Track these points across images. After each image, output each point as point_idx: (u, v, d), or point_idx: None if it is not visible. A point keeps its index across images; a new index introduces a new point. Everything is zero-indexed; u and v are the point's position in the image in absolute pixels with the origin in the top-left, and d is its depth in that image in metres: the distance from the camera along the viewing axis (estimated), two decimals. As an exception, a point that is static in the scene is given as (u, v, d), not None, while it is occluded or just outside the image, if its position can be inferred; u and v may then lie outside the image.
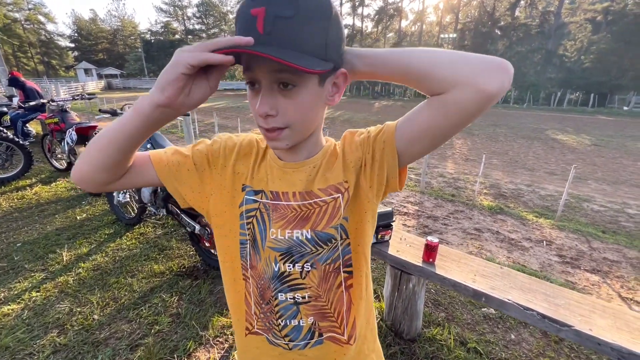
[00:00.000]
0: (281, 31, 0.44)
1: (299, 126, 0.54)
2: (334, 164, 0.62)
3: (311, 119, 0.56)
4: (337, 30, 0.49)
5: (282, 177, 0.62)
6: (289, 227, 0.60)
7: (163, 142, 2.52)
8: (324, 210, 0.60)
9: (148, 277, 2.33)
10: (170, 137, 9.16)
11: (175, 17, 54.90)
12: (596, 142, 10.71)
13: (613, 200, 5.31)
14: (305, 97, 0.51)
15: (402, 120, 0.56)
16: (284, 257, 0.61)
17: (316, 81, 0.51)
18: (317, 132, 0.62)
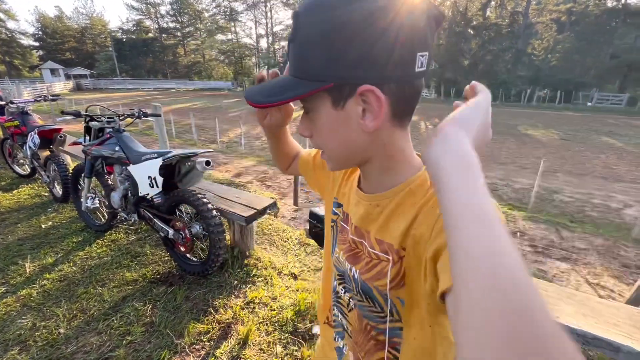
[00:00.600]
0: (290, 55, 0.46)
1: (330, 151, 0.51)
2: (400, 215, 0.49)
3: (340, 147, 0.49)
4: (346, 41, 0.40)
5: (353, 200, 0.59)
6: (346, 255, 0.59)
7: (131, 143, 2.42)
8: (372, 265, 0.52)
9: (120, 285, 2.23)
10: (146, 138, 8.85)
11: (148, 15, 53.03)
12: (564, 136, 11.27)
13: (580, 191, 5.60)
14: (319, 121, 0.48)
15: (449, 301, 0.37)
16: (340, 279, 0.62)
17: (328, 104, 0.45)
18: (389, 167, 0.51)
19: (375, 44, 0.39)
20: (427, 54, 0.43)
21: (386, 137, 0.47)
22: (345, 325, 0.62)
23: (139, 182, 2.30)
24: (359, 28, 0.39)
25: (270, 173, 6.09)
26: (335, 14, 0.39)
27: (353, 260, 0.56)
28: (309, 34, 0.42)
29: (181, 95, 30.00)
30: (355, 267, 0.55)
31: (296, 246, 2.91)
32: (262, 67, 53.53)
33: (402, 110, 0.46)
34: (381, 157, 0.50)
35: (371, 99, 0.42)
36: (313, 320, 1.94)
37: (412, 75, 0.43)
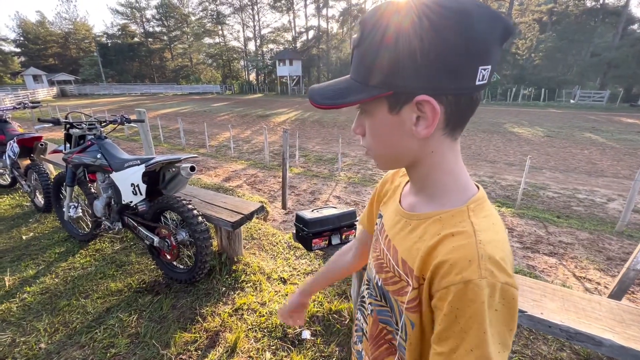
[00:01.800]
0: (353, 60, 0.47)
1: (377, 152, 0.53)
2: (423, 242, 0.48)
3: (391, 149, 0.51)
4: (408, 51, 0.41)
5: (391, 213, 0.61)
6: (374, 263, 0.61)
7: (113, 150, 2.36)
8: (395, 281, 0.53)
9: (104, 296, 2.17)
10: (133, 144, 8.70)
11: (133, 19, 52.33)
12: (548, 133, 11.51)
13: (565, 187, 5.71)
14: (374, 123, 0.50)
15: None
16: (367, 284, 0.64)
17: (384, 108, 0.47)
18: (430, 177, 0.51)
19: (437, 56, 0.40)
20: (489, 68, 0.42)
21: (435, 146, 0.48)
22: (365, 329, 0.64)
23: (122, 190, 2.25)
24: (421, 40, 0.40)
25: (260, 176, 6.05)
26: (399, 25, 0.41)
27: (379, 269, 0.59)
28: (373, 41, 0.43)
29: (169, 99, 29.64)
30: (379, 276, 0.58)
31: (285, 250, 2.89)
32: (251, 70, 53.34)
33: (455, 121, 0.46)
34: (427, 164, 0.50)
35: (426, 109, 0.43)
36: (302, 326, 1.92)
37: (472, 88, 0.43)
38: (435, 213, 0.50)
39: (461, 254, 0.42)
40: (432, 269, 0.44)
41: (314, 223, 1.64)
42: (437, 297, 0.43)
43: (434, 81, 0.42)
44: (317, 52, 44.39)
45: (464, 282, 0.40)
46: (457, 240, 0.44)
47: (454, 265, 0.41)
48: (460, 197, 0.50)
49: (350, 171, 6.43)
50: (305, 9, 46.47)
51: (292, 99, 29.93)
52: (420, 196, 0.54)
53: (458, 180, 0.51)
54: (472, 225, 0.45)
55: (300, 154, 7.79)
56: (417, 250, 0.48)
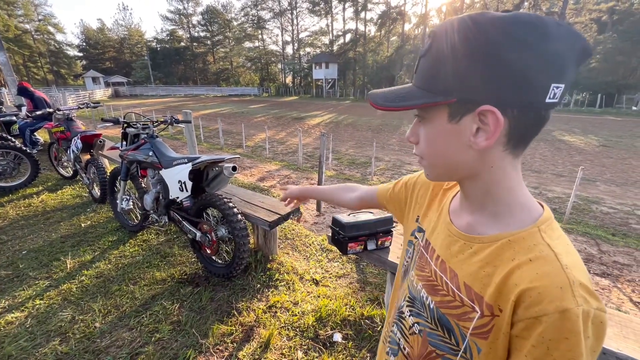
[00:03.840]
0: (419, 68, 0.48)
1: (430, 160, 0.52)
2: (494, 267, 0.46)
3: (446, 158, 0.49)
4: (474, 59, 0.41)
5: (440, 231, 0.58)
6: (421, 283, 0.59)
7: (163, 149, 2.54)
8: (456, 305, 0.51)
9: (150, 284, 2.34)
10: (176, 142, 9.25)
11: (181, 25, 55.76)
12: (604, 142, 10.55)
13: (623, 202, 5.21)
14: (430, 131, 0.50)
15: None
16: (409, 302, 0.62)
17: (444, 116, 0.46)
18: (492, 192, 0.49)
19: (506, 68, 0.40)
20: (562, 86, 0.41)
21: (496, 160, 0.47)
22: (402, 345, 0.62)
23: (170, 186, 2.41)
24: (490, 51, 0.40)
25: (293, 177, 6.16)
26: (469, 37, 0.41)
27: (431, 291, 0.56)
28: (442, 52, 0.44)
29: (210, 101, 31.12)
30: (432, 298, 0.55)
31: (318, 252, 2.92)
32: (287, 73, 54.46)
33: (518, 137, 0.45)
34: (487, 179, 0.48)
35: (489, 119, 0.43)
36: (334, 328, 1.93)
37: (540, 105, 0.42)
38: (502, 235, 0.47)
39: (550, 281, 0.40)
40: (516, 298, 0.41)
41: (350, 227, 1.65)
42: (520, 326, 0.41)
43: (501, 92, 0.41)
44: (353, 55, 44.32)
45: (559, 312, 0.38)
46: (539, 266, 0.42)
47: (543, 294, 0.39)
48: (527, 217, 0.47)
49: (383, 176, 6.35)
50: (344, 12, 46.70)
51: (327, 102, 30.12)
52: (479, 215, 0.52)
53: (522, 199, 0.49)
54: (550, 248, 0.43)
55: (333, 156, 7.83)
56: (488, 276, 0.46)
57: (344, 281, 2.48)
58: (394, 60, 38.08)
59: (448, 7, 39.09)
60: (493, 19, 0.40)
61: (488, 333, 0.45)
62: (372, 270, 2.65)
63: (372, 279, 2.52)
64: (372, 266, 2.70)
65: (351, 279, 2.51)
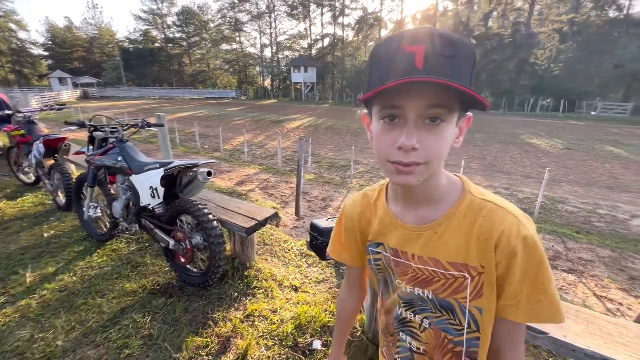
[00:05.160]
0: (443, 67, 0.48)
1: (435, 163, 0.53)
2: (463, 237, 0.57)
3: (442, 158, 0.54)
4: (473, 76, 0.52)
5: (399, 236, 0.64)
6: (411, 284, 0.64)
7: (133, 153, 2.42)
8: (449, 284, 0.59)
9: (119, 296, 2.21)
10: (150, 147, 8.93)
11: (155, 26, 54.09)
12: (568, 145, 11.20)
13: (585, 201, 5.53)
14: (446, 134, 0.52)
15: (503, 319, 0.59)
16: (406, 305, 0.66)
17: (455, 120, 0.52)
18: (436, 184, 0.59)
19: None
20: None
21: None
22: (415, 347, 0.67)
23: (141, 192, 2.31)
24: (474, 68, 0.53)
25: (272, 181, 6.10)
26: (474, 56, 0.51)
27: (423, 284, 0.62)
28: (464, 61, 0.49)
29: (186, 103, 30.34)
30: (428, 290, 0.62)
31: (297, 257, 2.89)
32: (266, 76, 54.13)
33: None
34: (438, 172, 0.58)
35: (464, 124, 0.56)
36: (314, 335, 1.90)
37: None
38: (451, 211, 0.58)
39: (506, 224, 0.54)
40: (494, 248, 0.54)
41: (328, 232, 1.63)
42: (503, 264, 0.54)
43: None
44: (332, 60, 44.72)
45: (522, 238, 0.53)
46: (489, 216, 0.56)
47: (506, 233, 0.54)
48: (457, 190, 0.60)
49: (362, 179, 6.41)
50: (322, 17, 47.05)
51: (306, 105, 30.16)
52: (425, 206, 0.61)
53: (448, 178, 0.61)
54: (487, 202, 0.57)
55: (312, 160, 7.82)
56: (462, 246, 0.57)
57: (323, 286, 2.46)
58: (371, 65, 38.67)
59: (422, 15, 40.35)
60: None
61: (481, 290, 0.56)
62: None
63: (352, 283, 2.51)
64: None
65: (331, 284, 2.49)
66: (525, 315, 0.55)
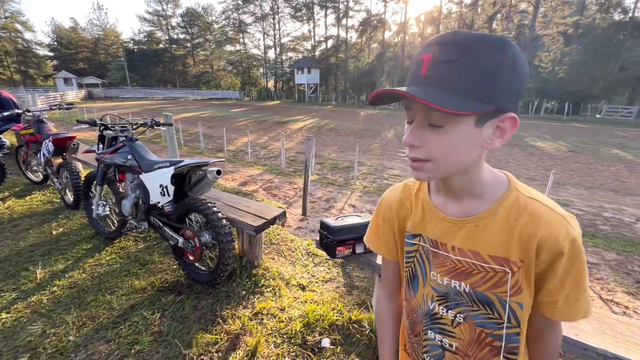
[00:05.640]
0: (441, 74, 0.49)
1: (442, 162, 0.54)
2: (505, 232, 0.57)
3: (459, 159, 0.55)
4: (512, 74, 0.50)
5: (440, 227, 0.64)
6: (448, 276, 0.64)
7: (143, 152, 2.45)
8: (489, 277, 0.59)
9: (128, 293, 2.23)
10: (154, 146, 8.98)
11: (159, 27, 54.49)
12: (572, 148, 11.15)
13: (590, 204, 5.50)
14: (453, 137, 0.52)
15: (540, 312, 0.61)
16: (440, 299, 0.66)
17: (472, 122, 0.51)
18: (477, 179, 0.59)
19: (520, 82, 0.51)
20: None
21: (483, 155, 0.57)
22: (447, 343, 0.66)
23: (151, 191, 2.33)
24: (518, 72, 0.50)
25: (276, 182, 6.12)
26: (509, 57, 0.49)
27: (461, 277, 0.62)
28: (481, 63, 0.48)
29: (189, 104, 30.49)
30: (466, 283, 0.61)
31: (304, 256, 2.90)
32: (269, 78, 54.32)
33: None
34: (474, 171, 0.58)
35: (508, 124, 0.53)
36: (322, 333, 1.91)
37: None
38: (495, 206, 0.58)
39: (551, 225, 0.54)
40: (536, 247, 0.54)
41: (339, 231, 1.64)
42: (547, 263, 0.55)
43: (515, 102, 0.52)
44: (335, 61, 44.80)
45: (570, 240, 0.53)
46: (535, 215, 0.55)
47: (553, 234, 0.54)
48: (502, 186, 0.60)
49: (365, 180, 6.41)
50: (326, 18, 47.23)
51: (309, 107, 30.21)
52: (468, 200, 0.61)
53: (493, 176, 0.61)
54: (533, 200, 0.57)
55: (316, 161, 7.83)
56: (504, 241, 0.57)
57: (330, 285, 2.47)
58: (375, 66, 38.78)
59: (426, 17, 40.35)
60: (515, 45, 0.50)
61: (520, 286, 0.57)
62: (359, 274, 2.65)
63: (359, 283, 2.52)
64: (358, 270, 2.71)
65: (338, 283, 2.50)
66: (561, 314, 0.57)
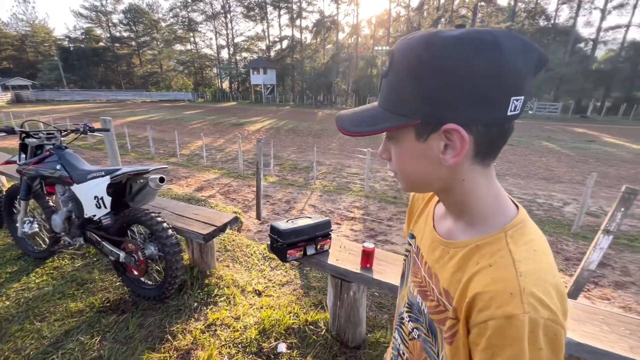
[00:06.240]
0: (382, 89, 0.49)
1: (403, 176, 0.53)
2: (463, 271, 0.47)
3: (415, 173, 0.51)
4: (438, 78, 0.41)
5: (427, 237, 0.61)
6: (417, 289, 0.60)
7: (74, 161, 2.23)
8: (439, 310, 0.52)
9: (62, 318, 2.01)
10: (98, 154, 8.26)
11: (98, 24, 50.15)
12: (510, 142, 12.25)
13: (526, 192, 6.08)
14: (399, 150, 0.50)
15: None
16: (408, 308, 0.63)
17: (412, 136, 0.47)
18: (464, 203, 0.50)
19: (466, 87, 0.40)
20: (522, 98, 0.42)
21: (466, 173, 0.47)
22: (402, 351, 0.64)
23: (84, 203, 2.13)
24: (450, 70, 0.40)
25: (234, 185, 5.94)
26: (428, 55, 0.41)
27: (423, 296, 0.58)
28: (402, 72, 0.44)
29: (137, 107, 28.51)
30: (425, 304, 0.56)
31: (260, 261, 2.84)
32: (224, 78, 52.65)
33: (486, 150, 0.45)
34: (460, 192, 0.49)
35: (455, 137, 0.43)
36: (278, 338, 1.88)
37: (503, 119, 0.42)
38: (472, 241, 0.48)
39: (501, 287, 0.40)
40: (469, 301, 0.42)
41: (288, 234, 1.62)
42: (474, 332, 0.41)
43: (463, 111, 0.42)
44: (291, 62, 44.66)
45: (505, 317, 0.38)
46: (496, 271, 0.42)
47: (494, 298, 0.40)
48: (497, 222, 0.48)
49: (325, 179, 6.47)
50: (279, 19, 46.84)
51: (267, 108, 29.81)
52: (457, 223, 0.54)
53: (493, 205, 0.49)
54: (510, 255, 0.43)
55: (275, 162, 7.74)
56: (458, 281, 0.47)
57: (287, 289, 2.44)
58: (330, 67, 39.31)
59: (377, 19, 41.82)
60: (446, 38, 0.40)
61: (453, 337, 0.46)
62: (316, 274, 2.66)
63: (316, 283, 2.53)
64: (315, 270, 2.71)
65: (295, 286, 2.48)
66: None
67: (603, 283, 3.08)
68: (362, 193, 5.55)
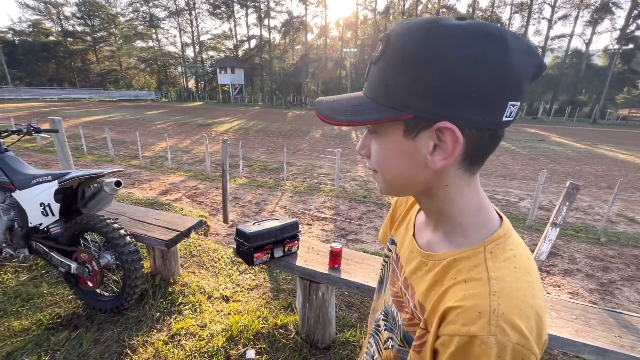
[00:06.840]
0: (369, 76, 0.44)
1: (383, 174, 0.48)
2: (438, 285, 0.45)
3: (395, 172, 0.46)
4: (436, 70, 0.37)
5: (407, 247, 0.57)
6: (392, 299, 0.57)
7: (16, 165, 2.03)
8: (414, 323, 0.48)
9: (4, 338, 1.82)
10: (49, 156, 7.62)
11: (48, 16, 46.37)
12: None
13: (486, 189, 6.44)
14: (382, 146, 0.46)
15: None
16: (384, 316, 0.59)
17: (399, 131, 0.42)
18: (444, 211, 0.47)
19: (469, 83, 0.37)
20: (518, 105, 0.40)
21: (450, 179, 0.44)
22: (376, 358, 0.61)
23: (28, 211, 1.94)
24: (455, 64, 0.36)
25: (201, 188, 5.73)
26: (431, 44, 0.37)
27: (399, 306, 0.54)
28: (397, 59, 0.40)
29: (94, 106, 26.71)
30: (400, 315, 0.53)
31: (228, 266, 2.76)
32: (189, 77, 50.83)
33: (475, 156, 0.42)
34: (441, 198, 0.46)
35: (447, 138, 0.39)
36: (247, 344, 1.83)
37: (498, 124, 0.40)
38: (449, 254, 0.45)
39: (471, 304, 0.38)
40: (440, 315, 0.40)
41: (255, 237, 1.59)
42: (440, 340, 0.39)
43: (461, 110, 0.38)
44: (260, 61, 44.07)
45: (469, 336, 0.36)
46: (469, 288, 0.40)
47: (461, 314, 0.38)
48: (478, 235, 0.45)
49: (296, 180, 6.44)
50: (247, 17, 46.03)
51: (235, 108, 29.17)
52: (435, 232, 0.51)
53: (477, 216, 0.46)
54: (487, 272, 0.40)
55: (244, 163, 7.58)
56: (434, 294, 0.44)
57: (256, 293, 2.39)
58: (299, 67, 39.32)
59: (345, 21, 42.43)
60: (452, 27, 0.36)
61: (421, 347, 0.44)
62: (286, 277, 2.63)
63: (286, 286, 2.50)
64: (285, 273, 2.68)
65: (264, 289, 2.44)
66: None
67: (554, 271, 3.33)
68: (332, 193, 5.58)
